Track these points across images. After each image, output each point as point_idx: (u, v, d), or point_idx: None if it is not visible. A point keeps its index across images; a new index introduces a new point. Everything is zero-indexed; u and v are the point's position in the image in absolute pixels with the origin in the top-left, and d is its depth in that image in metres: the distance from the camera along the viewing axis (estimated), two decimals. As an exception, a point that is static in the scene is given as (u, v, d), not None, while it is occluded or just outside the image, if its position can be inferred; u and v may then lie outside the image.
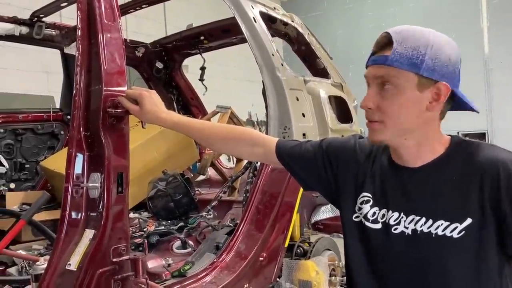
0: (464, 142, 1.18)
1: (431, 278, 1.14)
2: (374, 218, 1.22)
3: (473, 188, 1.09)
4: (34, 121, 3.38)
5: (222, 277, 2.11)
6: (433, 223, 1.12)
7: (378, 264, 1.23)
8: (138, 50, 3.88)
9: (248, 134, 1.54)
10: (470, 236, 1.09)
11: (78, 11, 1.70)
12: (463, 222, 1.09)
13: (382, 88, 1.14)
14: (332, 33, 10.06)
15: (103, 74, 1.64)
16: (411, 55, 1.10)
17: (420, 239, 1.14)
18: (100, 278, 1.56)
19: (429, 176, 1.16)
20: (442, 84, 1.11)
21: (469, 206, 1.09)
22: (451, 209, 1.11)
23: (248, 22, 2.59)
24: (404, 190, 1.19)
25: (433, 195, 1.15)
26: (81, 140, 1.64)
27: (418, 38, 1.12)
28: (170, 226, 2.52)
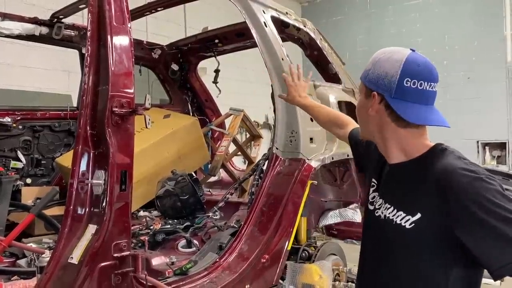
0: (440, 151, 1.28)
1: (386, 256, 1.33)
2: (372, 201, 1.44)
3: (427, 189, 1.23)
4: (52, 119, 3.48)
5: (223, 277, 2.15)
6: (396, 213, 1.30)
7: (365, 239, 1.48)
8: (155, 51, 3.96)
9: (340, 119, 1.92)
10: (418, 229, 1.23)
11: (89, 14, 1.77)
12: (414, 215, 1.24)
13: None
14: (352, 38, 10.01)
15: (110, 75, 1.70)
16: (365, 70, 1.35)
17: (385, 223, 1.33)
18: (101, 272, 1.62)
19: (400, 173, 1.34)
20: (374, 93, 1.31)
21: (421, 203, 1.24)
22: (408, 203, 1.27)
23: (259, 27, 2.63)
24: (388, 183, 1.40)
25: (400, 190, 1.33)
26: (87, 138, 1.70)
27: (373, 57, 1.34)
28: (176, 225, 2.56)
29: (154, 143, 3.21)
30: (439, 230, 1.20)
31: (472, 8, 8.77)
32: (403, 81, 1.25)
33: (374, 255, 1.41)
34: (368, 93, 1.33)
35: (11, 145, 3.22)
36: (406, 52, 1.29)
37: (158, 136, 3.26)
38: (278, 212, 2.39)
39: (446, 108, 8.61)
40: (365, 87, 1.35)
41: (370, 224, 1.45)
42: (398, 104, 1.26)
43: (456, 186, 1.17)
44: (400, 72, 1.25)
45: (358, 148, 1.66)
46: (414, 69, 1.26)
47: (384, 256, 1.35)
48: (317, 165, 2.61)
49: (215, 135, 4.20)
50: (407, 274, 1.29)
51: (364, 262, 1.48)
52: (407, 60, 1.26)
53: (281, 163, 2.55)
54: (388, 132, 1.31)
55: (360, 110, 1.39)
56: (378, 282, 1.38)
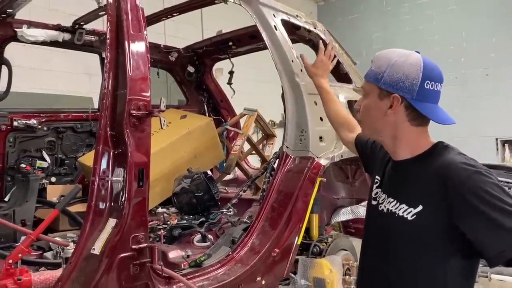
0: (442, 148, 1.39)
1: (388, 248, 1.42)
2: (375, 196, 1.52)
3: (428, 183, 1.33)
4: (74, 120, 3.65)
5: (236, 269, 2.26)
6: (399, 206, 1.39)
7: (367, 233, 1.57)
8: (171, 54, 4.11)
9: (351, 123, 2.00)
10: (420, 220, 1.32)
11: (108, 22, 1.90)
12: (416, 207, 1.33)
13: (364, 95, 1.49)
14: (368, 36, 10.02)
15: (128, 80, 1.83)
16: (376, 72, 1.41)
17: (388, 216, 1.42)
18: (121, 262, 1.75)
19: (404, 169, 1.43)
20: (395, 95, 1.37)
21: (423, 195, 1.33)
22: (410, 196, 1.36)
23: (269, 30, 2.73)
24: (392, 179, 1.49)
25: (403, 184, 1.42)
26: (107, 138, 1.83)
27: (385, 59, 1.41)
28: (192, 220, 2.69)
29: (171, 142, 3.35)
30: (440, 221, 1.29)
31: (490, 4, 8.69)
32: (424, 84, 1.35)
33: (376, 248, 1.49)
34: (383, 94, 1.40)
35: (37, 146, 3.40)
36: (417, 55, 1.40)
37: (175, 136, 3.40)
38: (288, 208, 2.49)
39: (464, 105, 8.57)
40: (379, 89, 1.40)
41: (373, 219, 1.54)
42: (421, 106, 1.36)
43: (456, 179, 1.27)
44: (421, 76, 1.35)
45: (365, 151, 1.76)
46: (432, 72, 1.38)
47: (386, 248, 1.44)
48: (326, 163, 2.70)
49: (230, 135, 4.32)
50: (408, 265, 1.37)
51: (366, 256, 1.57)
52: (424, 64, 1.36)
53: (291, 161, 2.65)
54: (402, 131, 1.40)
55: (372, 110, 1.44)
56: (379, 274, 1.46)
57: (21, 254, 1.96)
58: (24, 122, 3.34)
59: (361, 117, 1.49)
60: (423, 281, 1.35)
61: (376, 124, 1.45)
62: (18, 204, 2.60)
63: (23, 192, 2.66)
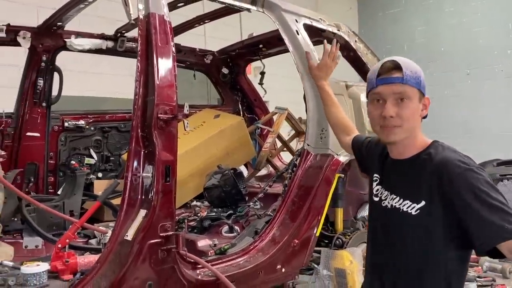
0: (438, 146, 1.53)
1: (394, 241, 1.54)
2: (376, 193, 1.63)
3: (428, 179, 1.45)
4: (118, 121, 3.99)
5: (257, 257, 2.47)
6: (402, 202, 1.51)
7: (372, 228, 1.68)
8: (207, 57, 4.36)
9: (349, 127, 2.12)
10: (423, 215, 1.45)
11: (139, 37, 2.15)
12: (419, 203, 1.46)
13: (399, 101, 1.51)
14: (411, 30, 9.89)
15: (156, 88, 2.07)
16: (415, 77, 1.51)
17: (393, 212, 1.53)
18: (149, 248, 2.00)
19: (406, 166, 1.55)
20: (427, 98, 1.55)
21: (424, 192, 1.45)
22: (413, 192, 1.48)
23: (291, 35, 2.90)
24: (392, 176, 1.60)
25: (405, 181, 1.53)
26: (138, 139, 2.08)
27: (413, 65, 1.53)
28: (220, 213, 2.92)
29: (204, 141, 3.60)
30: (441, 214, 1.41)
31: (539, -6, 8.36)
32: None
33: (383, 242, 1.60)
34: (420, 97, 1.53)
35: (85, 144, 3.76)
36: None
37: (208, 135, 3.65)
38: (307, 202, 2.66)
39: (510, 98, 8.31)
40: (420, 92, 1.53)
41: (377, 214, 1.64)
42: None
43: (451, 175, 1.40)
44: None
45: (361, 152, 1.87)
46: None
47: (393, 243, 1.56)
48: (345, 160, 2.84)
49: (263, 132, 4.52)
50: (413, 255, 1.50)
51: (372, 249, 1.69)
52: None
53: (311, 158, 2.82)
54: (419, 129, 1.56)
55: (415, 114, 1.53)
56: (388, 267, 1.57)
57: (68, 240, 2.26)
58: (73, 123, 3.71)
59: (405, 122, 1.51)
60: (429, 271, 1.47)
61: (413, 125, 1.53)
62: (67, 196, 2.93)
63: (71, 186, 2.99)
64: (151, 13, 2.15)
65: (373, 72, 1.57)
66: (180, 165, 3.48)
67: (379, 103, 1.54)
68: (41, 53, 3.42)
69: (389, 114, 1.50)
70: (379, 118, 1.54)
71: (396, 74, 1.51)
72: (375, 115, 1.56)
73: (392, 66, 1.52)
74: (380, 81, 1.53)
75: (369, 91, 1.60)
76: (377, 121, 1.56)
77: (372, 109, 1.58)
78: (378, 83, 1.53)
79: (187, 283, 2.12)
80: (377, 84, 1.53)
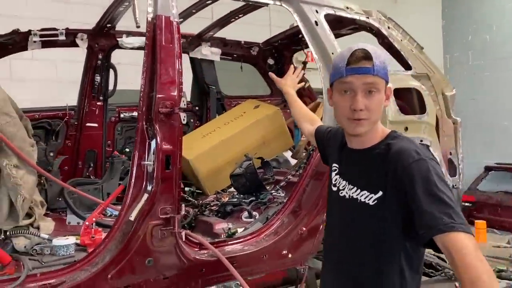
0: (395, 137, 1.54)
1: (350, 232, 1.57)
2: (335, 183, 1.67)
3: (385, 169, 1.46)
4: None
5: (263, 242, 2.60)
6: (360, 192, 1.53)
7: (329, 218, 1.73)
8: (253, 49, 4.51)
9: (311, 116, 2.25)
10: (380, 204, 1.46)
11: (146, 39, 2.37)
12: (377, 193, 1.47)
13: (367, 92, 1.50)
14: (500, 7, 9.02)
15: (157, 84, 2.28)
16: (384, 67, 1.51)
17: (350, 202, 1.56)
18: (151, 228, 2.24)
19: (364, 157, 1.56)
20: (389, 87, 1.55)
21: (381, 182, 1.46)
22: (371, 183, 1.50)
23: (309, 26, 2.93)
24: (350, 166, 1.63)
25: (363, 171, 1.55)
26: (143, 131, 2.32)
27: (382, 55, 1.53)
28: (242, 199, 3.09)
29: (240, 130, 3.77)
30: (395, 204, 1.42)
31: None
32: None
33: (339, 231, 1.64)
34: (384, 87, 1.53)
35: (138, 134, 4.13)
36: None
37: (244, 125, 3.81)
38: (317, 191, 2.72)
39: None
40: (386, 83, 1.53)
41: (335, 204, 1.67)
42: None
43: (405, 164, 1.40)
44: None
45: (323, 142, 1.92)
46: None
47: (348, 232, 1.59)
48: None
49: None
50: (369, 246, 1.50)
51: (329, 238, 1.74)
52: None
53: (326, 148, 2.85)
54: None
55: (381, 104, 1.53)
56: (342, 255, 1.61)
57: (94, 219, 2.60)
58: (129, 114, 4.10)
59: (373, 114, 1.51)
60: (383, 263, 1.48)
61: (379, 117, 1.55)
62: (106, 180, 3.31)
63: (110, 171, 3.36)
64: (158, 15, 2.35)
65: (341, 60, 1.52)
66: (216, 153, 3.73)
67: (348, 95, 1.51)
68: (97, 52, 3.84)
69: (359, 108, 1.48)
70: (348, 110, 1.51)
71: (366, 64, 1.47)
72: (343, 107, 1.53)
73: (363, 55, 1.49)
74: (350, 71, 1.49)
75: (336, 79, 1.55)
76: (345, 113, 1.53)
77: (340, 100, 1.54)
78: (348, 73, 1.49)
79: (187, 262, 2.33)
80: (346, 73, 1.50)
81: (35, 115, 3.66)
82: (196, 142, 3.83)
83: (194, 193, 3.57)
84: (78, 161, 3.84)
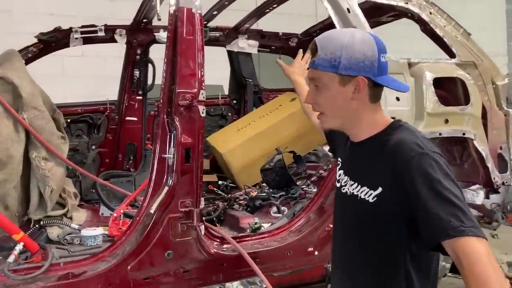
0: (398, 127, 1.39)
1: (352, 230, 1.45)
2: (339, 178, 1.56)
3: (384, 164, 1.32)
4: (208, 106, 4.29)
5: (287, 238, 2.53)
6: (360, 188, 1.40)
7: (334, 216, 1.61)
8: (291, 40, 4.41)
9: None
10: (380, 202, 1.32)
11: (168, 32, 2.37)
12: (376, 190, 1.33)
13: (315, 87, 1.42)
14: None
15: (177, 77, 2.27)
16: (330, 59, 1.35)
17: (351, 199, 1.43)
18: (170, 221, 2.24)
19: (362, 150, 1.44)
20: (360, 78, 1.34)
21: (381, 177, 1.32)
22: (370, 178, 1.36)
23: (341, 13, 2.80)
24: (352, 160, 1.51)
25: (362, 166, 1.43)
26: (164, 123, 2.32)
27: (335, 43, 1.36)
28: (271, 194, 3.03)
29: (274, 124, 3.70)
30: (397, 202, 1.28)
31: None
32: (381, 58, 1.35)
33: (342, 230, 1.52)
34: (345, 80, 1.35)
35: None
36: (360, 30, 1.43)
37: (278, 118, 3.74)
38: (346, 187, 2.59)
39: None
40: (340, 76, 1.35)
41: (339, 200, 1.56)
42: (383, 80, 1.36)
43: (404, 159, 1.26)
44: (377, 51, 1.34)
45: (331, 135, 1.76)
46: (382, 44, 1.37)
47: (350, 230, 1.47)
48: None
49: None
50: (371, 247, 1.38)
51: (335, 238, 1.61)
52: (374, 38, 1.37)
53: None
54: (364, 111, 1.39)
55: (337, 100, 1.39)
56: (345, 256, 1.50)
57: (122, 210, 2.65)
58: (167, 108, 4.15)
59: (325, 109, 1.43)
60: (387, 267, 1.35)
61: (341, 111, 1.41)
62: (139, 173, 3.38)
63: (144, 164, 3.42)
64: (180, 7, 2.34)
65: None
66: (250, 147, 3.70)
67: None
68: (135, 47, 3.91)
69: (307, 102, 1.46)
70: None
71: (313, 57, 1.40)
72: None
73: (313, 47, 1.40)
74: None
75: None
76: None
77: None
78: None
79: (207, 256, 2.31)
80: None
81: (78, 110, 3.81)
82: (231, 135, 3.81)
83: (227, 186, 3.56)
84: (118, 154, 3.95)
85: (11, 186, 2.25)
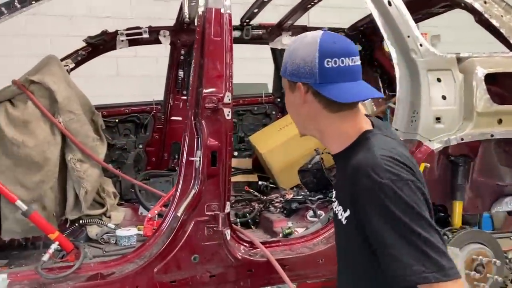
0: (364, 140, 1.25)
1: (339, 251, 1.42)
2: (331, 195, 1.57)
3: (348, 185, 1.22)
4: (252, 104, 4.29)
5: (319, 245, 2.43)
6: (340, 209, 1.32)
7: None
8: (337, 36, 4.24)
9: None
10: (349, 225, 1.25)
11: (196, 33, 2.34)
12: (346, 211, 1.26)
13: None
14: None
15: (204, 80, 2.24)
16: (283, 65, 1.34)
17: (336, 219, 1.37)
18: (196, 224, 2.23)
19: (338, 166, 1.38)
20: (299, 84, 1.28)
21: (347, 199, 1.25)
22: (343, 198, 1.31)
23: (381, 7, 2.63)
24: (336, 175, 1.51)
25: (338, 183, 1.41)
26: (192, 126, 2.30)
27: (287, 48, 1.34)
28: (308, 196, 2.92)
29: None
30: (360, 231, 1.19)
31: None
32: (324, 63, 1.22)
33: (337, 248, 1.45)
34: (292, 86, 1.31)
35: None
36: (317, 34, 1.26)
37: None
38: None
39: None
40: (288, 82, 1.33)
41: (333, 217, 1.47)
42: (325, 88, 1.22)
43: (361, 188, 1.15)
44: (318, 55, 1.22)
45: None
46: (331, 47, 1.22)
47: (339, 251, 1.42)
48: (437, 147, 2.47)
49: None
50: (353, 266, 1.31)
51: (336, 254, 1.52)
52: (321, 41, 1.22)
53: (396, 144, 2.54)
54: (322, 121, 1.28)
55: (290, 107, 1.37)
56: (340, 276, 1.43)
57: (157, 211, 2.67)
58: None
59: (291, 116, 1.41)
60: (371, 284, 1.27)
61: (299, 118, 1.36)
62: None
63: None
64: (208, 8, 2.31)
65: None
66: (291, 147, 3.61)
67: None
68: (179, 48, 3.95)
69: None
70: None
71: None
72: None
73: None
74: None
75: None
76: None
77: None
78: None
79: (234, 261, 2.27)
80: None
81: (125, 110, 3.92)
82: (272, 135, 3.74)
83: (267, 187, 3.50)
84: (164, 153, 4.02)
85: (47, 187, 2.34)
